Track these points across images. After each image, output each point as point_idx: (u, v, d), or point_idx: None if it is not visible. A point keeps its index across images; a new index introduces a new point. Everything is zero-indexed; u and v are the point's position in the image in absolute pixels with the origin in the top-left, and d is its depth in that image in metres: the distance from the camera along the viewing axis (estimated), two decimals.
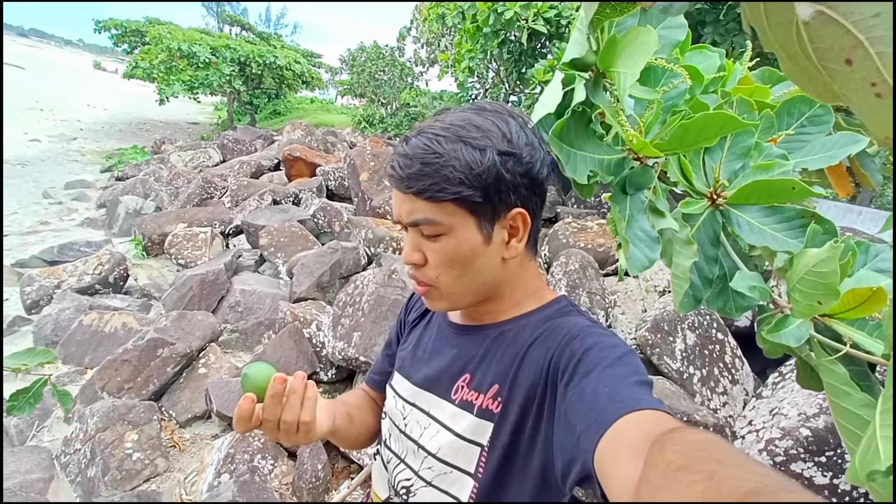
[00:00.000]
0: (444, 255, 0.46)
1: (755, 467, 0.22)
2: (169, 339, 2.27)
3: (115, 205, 4.95)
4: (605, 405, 0.35)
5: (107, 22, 10.84)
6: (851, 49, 0.16)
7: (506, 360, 0.48)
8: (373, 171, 4.28)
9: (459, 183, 0.43)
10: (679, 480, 0.23)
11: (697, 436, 0.27)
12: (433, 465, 0.49)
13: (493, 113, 0.46)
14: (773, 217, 0.44)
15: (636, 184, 0.47)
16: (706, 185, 0.46)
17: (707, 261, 0.45)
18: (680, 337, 1.95)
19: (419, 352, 0.57)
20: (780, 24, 0.17)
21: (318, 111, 12.13)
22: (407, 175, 0.44)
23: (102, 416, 1.84)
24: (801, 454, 1.39)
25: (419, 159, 0.44)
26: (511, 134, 0.45)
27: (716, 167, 0.46)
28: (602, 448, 0.33)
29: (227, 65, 9.23)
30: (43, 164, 7.59)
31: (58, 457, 1.85)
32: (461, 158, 0.43)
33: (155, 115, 13.87)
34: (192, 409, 2.14)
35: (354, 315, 2.22)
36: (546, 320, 0.48)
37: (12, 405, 0.88)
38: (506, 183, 0.44)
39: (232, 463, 1.68)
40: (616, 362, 0.39)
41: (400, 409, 0.56)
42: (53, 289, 3.07)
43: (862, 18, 0.15)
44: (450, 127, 0.44)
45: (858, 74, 0.16)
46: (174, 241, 3.75)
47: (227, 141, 7.30)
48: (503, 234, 0.47)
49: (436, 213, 0.44)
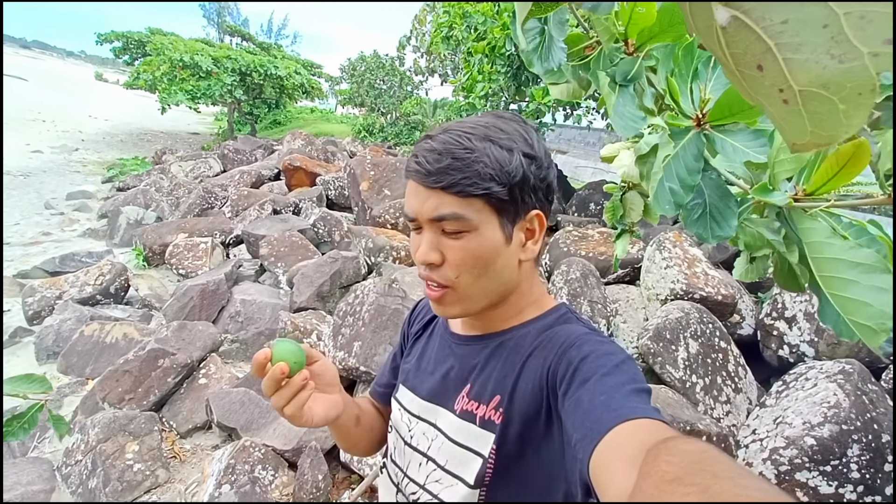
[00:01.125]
0: (466, 254, 0.45)
1: (750, 481, 0.22)
2: (170, 350, 2.28)
3: (117, 215, 4.98)
4: (600, 414, 0.35)
5: (109, 34, 11.00)
6: (762, 55, 0.16)
7: (506, 370, 0.48)
8: (373, 180, 4.32)
9: (490, 179, 0.43)
10: (673, 492, 0.23)
11: (692, 446, 0.27)
12: (441, 478, 0.50)
13: (511, 119, 0.48)
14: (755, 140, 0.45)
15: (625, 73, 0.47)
16: (693, 108, 0.47)
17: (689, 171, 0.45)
18: (682, 345, 1.94)
19: (423, 363, 0.58)
20: (705, 27, 0.17)
21: (318, 121, 12.24)
22: (437, 169, 0.43)
23: (103, 427, 1.85)
24: (805, 463, 1.37)
25: (450, 154, 0.43)
26: (531, 139, 0.47)
27: (703, 87, 0.47)
28: (597, 457, 0.33)
29: (228, 75, 9.35)
30: (45, 175, 7.65)
31: (59, 468, 1.85)
32: (491, 156, 0.44)
33: (156, 126, 13.99)
34: (192, 420, 2.14)
35: (355, 325, 2.24)
36: (545, 329, 0.49)
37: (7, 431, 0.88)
38: (529, 184, 0.45)
39: (233, 474, 1.69)
40: (613, 370, 0.39)
41: (406, 421, 0.56)
42: (55, 299, 3.08)
43: (771, 24, 0.15)
44: (476, 127, 0.45)
45: (768, 80, 0.16)
46: (175, 252, 3.77)
47: (227, 151, 7.36)
48: (521, 235, 0.47)
49: (464, 209, 0.44)
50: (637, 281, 2.76)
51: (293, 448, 1.83)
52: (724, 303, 2.24)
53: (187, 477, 1.88)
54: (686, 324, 1.99)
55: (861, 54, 0.14)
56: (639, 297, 2.60)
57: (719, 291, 2.26)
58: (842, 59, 0.14)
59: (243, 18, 23.14)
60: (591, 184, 4.94)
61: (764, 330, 2.15)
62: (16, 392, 0.89)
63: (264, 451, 1.78)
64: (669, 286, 2.31)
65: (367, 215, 4.08)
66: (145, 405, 2.15)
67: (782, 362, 2.03)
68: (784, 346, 2.03)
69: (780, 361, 2.04)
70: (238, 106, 10.84)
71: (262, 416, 2.01)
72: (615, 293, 2.65)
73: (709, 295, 2.23)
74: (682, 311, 2.04)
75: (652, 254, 2.51)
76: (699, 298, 2.22)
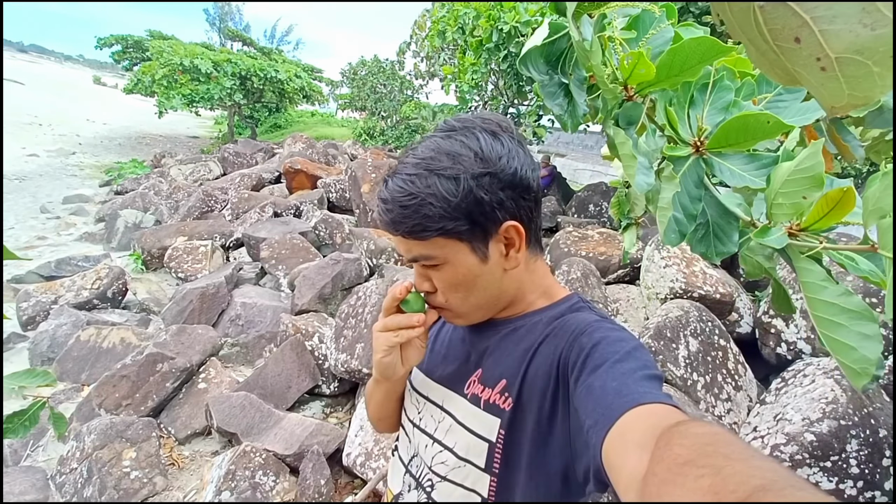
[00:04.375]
0: (447, 283, 0.48)
1: (762, 462, 0.22)
2: (168, 354, 2.24)
3: (114, 219, 4.93)
4: (612, 400, 0.35)
5: (108, 38, 11.01)
6: (799, 28, 0.17)
7: (516, 355, 0.48)
8: (374, 182, 4.31)
9: (440, 218, 0.44)
10: (685, 475, 0.23)
11: (704, 429, 0.26)
12: (447, 460, 0.50)
13: (462, 132, 0.46)
14: (752, 164, 0.47)
15: (628, 118, 0.49)
16: (691, 135, 0.50)
17: (691, 200, 0.48)
18: (683, 344, 1.95)
19: (437, 346, 0.58)
20: (740, 10, 0.19)
21: (318, 124, 12.28)
22: (391, 220, 0.46)
23: (100, 433, 1.80)
24: (806, 459, 1.38)
25: (397, 203, 0.45)
26: (484, 151, 0.45)
27: (699, 116, 0.50)
28: (609, 442, 0.33)
29: (228, 78, 9.36)
30: (41, 179, 7.59)
31: (53, 477, 1.80)
32: (437, 193, 0.43)
33: (155, 130, 13.97)
34: (191, 426, 2.09)
35: (357, 326, 2.20)
36: (557, 317, 0.49)
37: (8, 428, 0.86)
38: (487, 204, 0.44)
39: (233, 480, 1.64)
40: (625, 356, 0.39)
41: (415, 402, 0.57)
42: (50, 304, 3.03)
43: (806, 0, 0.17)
44: (420, 162, 0.45)
45: (806, 51, 0.18)
46: (174, 255, 3.73)
47: (227, 154, 7.35)
48: (500, 248, 0.47)
49: (427, 249, 0.46)
50: (637, 280, 2.77)
51: (294, 453, 1.78)
52: (723, 301, 2.25)
53: (186, 484, 1.83)
54: (686, 322, 1.99)
55: (890, 21, 0.16)
56: (639, 297, 2.61)
57: (717, 290, 2.27)
58: (873, 27, 0.16)
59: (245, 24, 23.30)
60: (590, 186, 4.95)
61: (762, 328, 2.15)
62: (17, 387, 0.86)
63: (265, 456, 1.73)
64: (669, 285, 2.32)
65: (369, 217, 4.06)
66: (143, 411, 2.10)
67: (780, 359, 2.03)
68: (782, 344, 2.03)
69: (778, 359, 2.05)
70: (238, 109, 10.85)
71: (262, 421, 1.96)
72: (615, 293, 2.66)
73: (707, 293, 2.24)
74: (682, 309, 2.04)
75: (651, 253, 2.52)
76: (698, 297, 2.23)
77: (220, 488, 1.62)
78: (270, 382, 2.22)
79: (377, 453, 1.74)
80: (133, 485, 1.71)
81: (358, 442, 1.81)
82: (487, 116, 0.48)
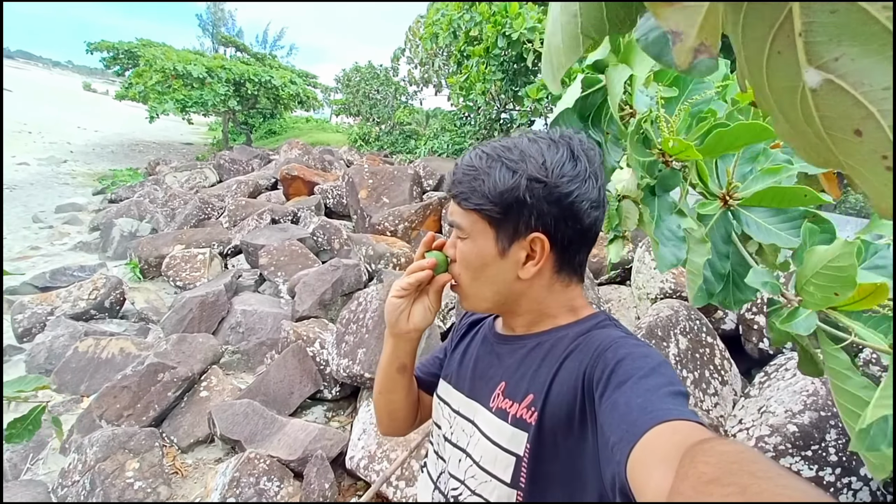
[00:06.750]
0: (461, 256, 0.52)
1: (788, 481, 0.22)
2: (169, 363, 2.24)
3: (110, 228, 4.89)
4: (637, 416, 0.35)
5: (99, 44, 10.91)
6: (862, 120, 0.15)
7: (542, 370, 0.49)
8: (371, 188, 4.33)
9: (482, 196, 0.48)
10: (711, 493, 0.22)
11: (730, 447, 0.27)
12: (476, 474, 0.51)
13: (547, 140, 0.48)
14: (778, 217, 0.47)
15: (665, 185, 0.51)
16: (719, 188, 0.50)
17: (720, 257, 0.48)
18: (673, 342, 2.00)
19: (465, 360, 0.60)
20: (784, 88, 0.16)
21: (313, 130, 12.26)
22: (452, 181, 0.52)
23: (102, 445, 1.79)
24: (789, 449, 1.43)
25: (462, 169, 0.50)
26: (551, 162, 0.46)
27: (729, 170, 0.50)
28: (634, 458, 0.33)
29: (222, 85, 9.33)
30: (32, 188, 7.50)
31: (54, 490, 1.79)
32: (492, 176, 0.48)
33: (148, 137, 13.85)
34: (194, 434, 2.09)
35: (358, 332, 2.22)
36: (582, 333, 0.49)
37: (11, 433, 0.87)
38: (528, 207, 0.46)
39: (237, 486, 1.65)
40: (650, 373, 0.40)
41: (447, 417, 0.58)
42: (46, 316, 3.00)
43: (872, 90, 0.14)
44: (497, 147, 0.49)
45: (868, 146, 0.15)
46: (172, 263, 3.71)
47: (223, 161, 7.32)
48: (521, 253, 0.48)
49: (462, 218, 0.51)
50: (628, 281, 2.82)
51: (298, 458, 1.80)
52: None
53: (189, 493, 1.83)
54: (675, 321, 2.04)
55: None
56: (630, 297, 2.66)
57: None
58: None
59: (238, 29, 23.24)
60: None
61: (745, 324, 2.21)
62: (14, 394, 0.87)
63: (269, 462, 1.74)
64: (659, 286, 2.38)
65: (367, 223, 4.08)
66: (145, 421, 2.10)
67: (763, 354, 2.09)
68: (764, 339, 2.09)
69: (760, 354, 2.11)
70: (232, 116, 10.81)
71: (266, 427, 1.97)
72: (608, 293, 2.71)
73: None
74: (672, 308, 2.10)
75: (642, 255, 2.58)
76: (686, 296, 2.29)
77: (225, 495, 1.63)
78: (273, 389, 2.23)
79: (380, 456, 1.76)
80: (137, 495, 1.71)
81: (361, 445, 1.83)
82: (585, 140, 0.50)
